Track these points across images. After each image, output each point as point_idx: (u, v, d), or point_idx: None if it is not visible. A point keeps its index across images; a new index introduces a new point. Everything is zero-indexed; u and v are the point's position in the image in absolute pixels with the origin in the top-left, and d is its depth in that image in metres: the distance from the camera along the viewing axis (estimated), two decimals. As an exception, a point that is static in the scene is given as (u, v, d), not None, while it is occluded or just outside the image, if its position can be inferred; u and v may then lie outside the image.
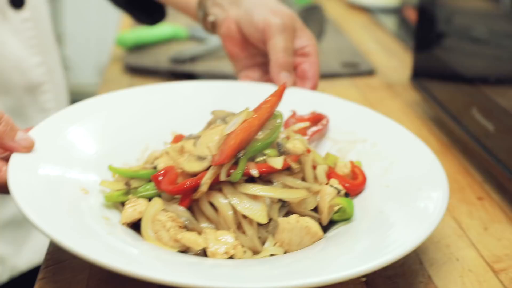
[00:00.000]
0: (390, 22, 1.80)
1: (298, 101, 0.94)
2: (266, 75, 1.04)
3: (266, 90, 0.97)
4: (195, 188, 0.72)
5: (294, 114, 0.93)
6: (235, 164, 0.73)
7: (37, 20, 1.15)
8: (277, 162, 0.73)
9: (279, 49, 0.95)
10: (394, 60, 1.52)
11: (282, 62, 0.96)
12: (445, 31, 1.14)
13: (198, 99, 0.96)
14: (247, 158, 0.73)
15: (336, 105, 0.95)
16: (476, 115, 0.97)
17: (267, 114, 0.77)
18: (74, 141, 0.83)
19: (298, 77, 1.00)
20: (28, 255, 1.19)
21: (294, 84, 1.00)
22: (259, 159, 0.74)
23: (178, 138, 0.87)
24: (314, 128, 0.91)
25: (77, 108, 0.89)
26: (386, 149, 0.86)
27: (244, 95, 0.97)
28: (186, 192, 0.73)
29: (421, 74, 1.21)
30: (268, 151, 0.75)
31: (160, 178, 0.75)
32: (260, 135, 0.76)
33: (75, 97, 1.31)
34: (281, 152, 0.75)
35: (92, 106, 0.90)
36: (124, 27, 1.73)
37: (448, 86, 1.11)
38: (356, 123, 0.92)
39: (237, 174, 0.72)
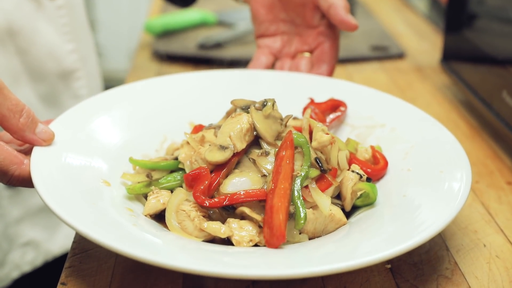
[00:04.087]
0: (421, 3, 1.77)
1: (315, 87, 0.95)
2: (286, 47, 1.02)
3: (283, 79, 0.99)
4: (232, 204, 0.71)
5: (312, 101, 0.93)
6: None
7: (70, 8, 1.16)
8: (325, 207, 0.71)
9: None
10: (424, 42, 1.50)
11: (345, 5, 0.96)
12: (476, 12, 1.12)
13: (214, 89, 0.97)
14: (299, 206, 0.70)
15: (353, 91, 0.96)
16: (507, 98, 0.95)
17: (291, 169, 0.72)
18: (94, 133, 0.83)
19: (315, 58, 1.00)
20: (61, 240, 1.21)
21: (312, 66, 1.00)
22: (304, 184, 0.72)
23: (198, 128, 0.86)
24: (333, 115, 0.91)
25: (95, 100, 0.89)
26: (405, 133, 0.86)
27: (260, 84, 0.98)
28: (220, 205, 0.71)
29: (451, 57, 1.19)
30: (310, 173, 0.73)
31: (191, 177, 0.73)
32: (297, 171, 0.72)
33: (108, 83, 1.32)
34: (322, 170, 0.73)
35: (108, 99, 0.90)
36: (153, 13, 1.73)
37: (478, 68, 1.09)
38: (373, 108, 0.92)
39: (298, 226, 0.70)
